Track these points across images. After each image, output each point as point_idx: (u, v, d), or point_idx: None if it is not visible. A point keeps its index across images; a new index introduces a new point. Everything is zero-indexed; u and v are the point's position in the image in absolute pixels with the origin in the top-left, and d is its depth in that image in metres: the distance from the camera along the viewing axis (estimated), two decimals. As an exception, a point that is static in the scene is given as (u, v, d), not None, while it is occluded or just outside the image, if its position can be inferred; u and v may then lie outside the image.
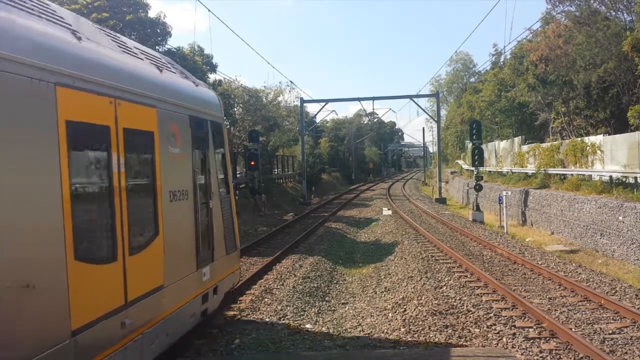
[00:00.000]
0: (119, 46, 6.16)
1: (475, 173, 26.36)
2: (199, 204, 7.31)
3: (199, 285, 7.22)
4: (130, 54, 6.35)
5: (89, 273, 4.72)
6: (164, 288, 6.08)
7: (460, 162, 47.54)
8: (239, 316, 9.72)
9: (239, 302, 10.64)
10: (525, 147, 28.32)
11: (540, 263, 14.00)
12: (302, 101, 43.24)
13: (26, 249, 3.97)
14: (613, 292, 11.01)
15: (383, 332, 8.92)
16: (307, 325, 9.21)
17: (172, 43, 31.00)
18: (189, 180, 7.09)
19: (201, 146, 7.65)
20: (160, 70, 6.88)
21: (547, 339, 8.20)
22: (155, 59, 7.24)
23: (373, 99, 40.91)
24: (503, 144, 33.60)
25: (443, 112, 60.50)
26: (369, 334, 8.86)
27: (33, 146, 4.14)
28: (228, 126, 30.38)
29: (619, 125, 24.10)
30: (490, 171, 34.19)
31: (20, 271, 3.87)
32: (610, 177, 18.36)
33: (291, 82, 51.60)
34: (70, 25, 5.21)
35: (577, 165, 21.29)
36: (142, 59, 6.60)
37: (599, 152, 19.75)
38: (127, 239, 5.37)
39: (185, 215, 6.92)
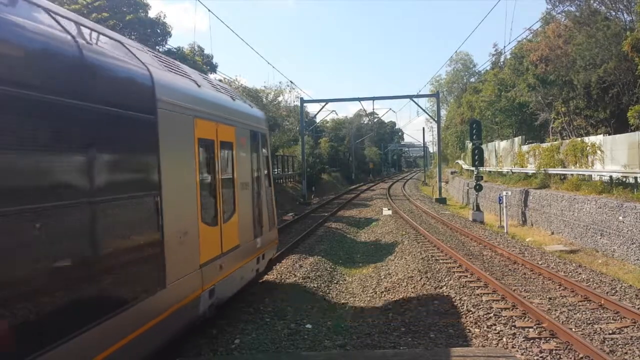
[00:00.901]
0: (212, 86, 9.40)
1: (475, 173, 26.36)
2: (255, 192, 10.16)
3: (255, 250, 10.06)
4: (220, 91, 9.48)
5: (207, 231, 7.53)
6: (239, 247, 8.97)
7: (460, 162, 47.54)
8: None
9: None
10: (525, 147, 28.31)
11: (540, 263, 14.00)
12: (302, 101, 43.24)
13: (185, 214, 6.87)
14: (613, 292, 11.01)
15: (383, 332, 8.92)
16: (308, 326, 9.21)
17: (173, 43, 30.97)
18: (249, 176, 9.94)
19: (256, 151, 10.47)
20: (234, 100, 9.91)
21: (547, 339, 8.20)
22: (230, 91, 10.58)
23: (373, 99, 40.89)
24: (503, 144, 33.60)
25: (443, 112, 60.58)
26: (369, 333, 8.86)
27: (188, 153, 7.08)
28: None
29: (619, 125, 24.10)
30: (490, 171, 34.19)
31: (183, 225, 6.74)
32: (611, 177, 18.37)
33: (291, 82, 51.54)
34: (191, 76, 8.10)
35: (577, 165, 21.30)
36: (224, 94, 9.63)
37: (599, 152, 19.75)
38: (222, 213, 8.23)
39: (248, 200, 9.74)
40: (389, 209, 30.29)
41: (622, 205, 14.82)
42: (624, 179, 17.53)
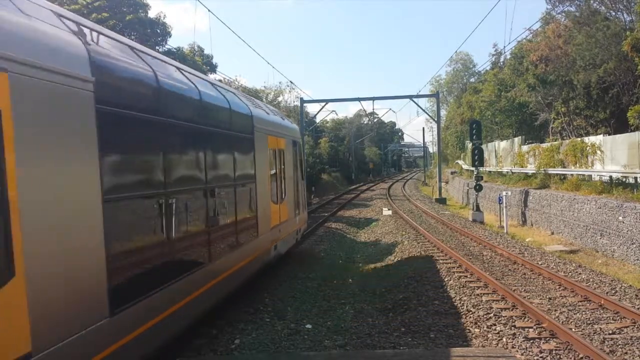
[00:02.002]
0: (271, 111, 13.78)
1: (475, 173, 26.36)
2: (295, 184, 14.42)
3: (295, 224, 14.45)
4: (276, 114, 14.04)
5: (274, 207, 11.57)
6: (287, 221, 13.06)
7: (460, 162, 47.54)
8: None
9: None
10: (525, 147, 28.31)
11: (540, 263, 14.00)
12: (302, 101, 43.23)
13: (264, 196, 10.67)
14: (613, 292, 11.01)
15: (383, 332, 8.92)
16: (308, 326, 9.21)
17: (172, 43, 30.97)
18: (293, 172, 14.22)
19: (296, 154, 14.86)
20: (283, 119, 14.56)
21: (547, 339, 8.20)
22: (279, 114, 15.26)
23: (373, 99, 40.84)
24: (503, 144, 33.60)
25: (443, 112, 60.55)
26: (369, 333, 8.86)
27: (265, 157, 11.01)
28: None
29: (618, 125, 24.11)
30: (490, 171, 34.19)
31: (264, 202, 10.58)
32: (610, 177, 18.37)
33: (291, 82, 51.62)
34: (263, 107, 12.53)
35: (577, 165, 21.30)
36: (278, 116, 14.15)
37: (598, 152, 19.75)
38: (280, 196, 12.34)
39: (292, 188, 14.00)
40: (388, 209, 30.29)
41: (622, 206, 14.82)
42: (624, 179, 17.53)
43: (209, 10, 21.32)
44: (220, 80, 23.45)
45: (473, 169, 27.86)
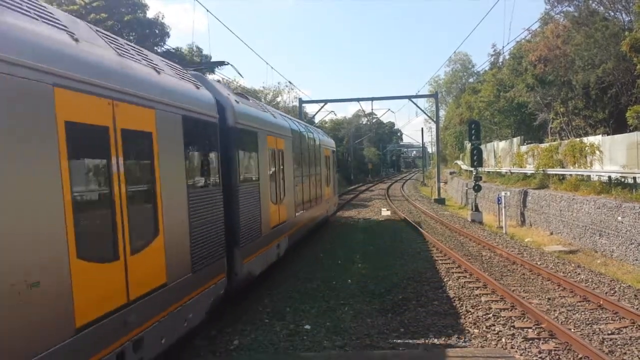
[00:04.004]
0: (323, 132, 25.71)
1: (474, 173, 26.36)
2: (334, 176, 24.68)
3: (334, 200, 25.69)
4: (325, 135, 24.54)
5: (327, 188, 22.34)
6: (332, 197, 24.47)
7: (459, 162, 47.56)
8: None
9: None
10: (524, 148, 28.32)
11: (539, 263, 14.00)
12: (301, 101, 43.23)
13: (325, 181, 21.87)
14: (612, 292, 11.01)
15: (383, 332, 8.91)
16: (307, 326, 9.19)
17: (171, 43, 30.91)
18: (333, 169, 24.78)
19: (333, 158, 24.77)
20: (328, 137, 25.26)
21: (547, 339, 8.20)
22: (325, 133, 25.80)
23: (372, 99, 40.84)
24: (502, 145, 33.61)
25: (442, 113, 60.63)
26: (368, 334, 8.85)
27: (330, 163, 23.48)
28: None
29: (617, 125, 24.14)
30: (489, 171, 34.18)
31: (324, 184, 21.35)
32: (609, 177, 18.37)
33: (290, 82, 51.68)
34: (320, 133, 23.07)
35: (576, 165, 21.30)
36: (325, 137, 23.75)
37: (597, 152, 19.76)
38: (332, 182, 24.14)
39: (332, 178, 24.18)
40: (387, 210, 30.28)
41: (621, 206, 14.82)
42: (623, 179, 17.53)
43: (207, 10, 21.30)
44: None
45: (472, 169, 27.86)
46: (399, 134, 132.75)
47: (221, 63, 14.68)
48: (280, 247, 12.46)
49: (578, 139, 22.28)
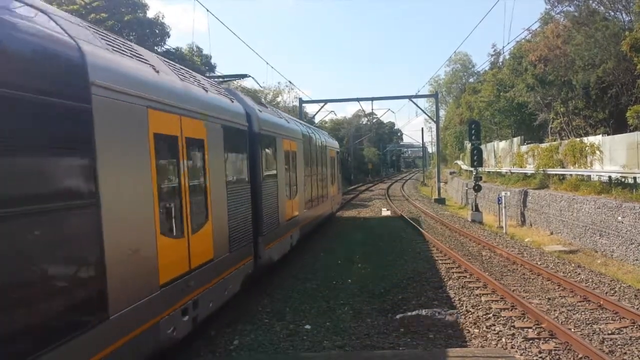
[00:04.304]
0: (328, 135, 26.83)
1: (474, 173, 26.36)
2: (334, 175, 24.00)
3: (339, 198, 27.73)
4: (329, 137, 25.74)
5: (333, 186, 23.57)
6: (337, 195, 25.50)
7: (459, 162, 47.55)
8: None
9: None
10: (524, 148, 28.31)
11: (539, 263, 14.00)
12: (301, 101, 43.26)
13: (330, 180, 22.94)
14: (612, 292, 11.01)
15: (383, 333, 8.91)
16: (307, 326, 9.19)
17: (172, 43, 30.93)
18: (337, 169, 25.87)
19: (337, 159, 25.95)
20: (334, 140, 26.26)
21: (547, 339, 8.20)
22: (329, 135, 28.11)
23: (372, 99, 40.87)
24: (502, 145, 33.60)
25: (442, 113, 60.62)
26: (368, 334, 8.85)
27: (333, 163, 24.16)
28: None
29: (617, 125, 24.12)
30: (489, 171, 34.18)
31: (330, 182, 22.45)
32: (609, 177, 18.36)
33: (290, 82, 51.68)
34: (326, 135, 25.40)
35: (576, 165, 21.29)
36: (333, 140, 26.14)
37: (598, 152, 19.75)
38: (336, 181, 25.17)
39: (337, 178, 25.17)
40: (387, 210, 30.28)
41: (621, 206, 14.82)
42: (623, 179, 17.52)
43: (207, 10, 21.28)
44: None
45: (472, 169, 27.86)
46: (399, 134, 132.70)
47: (244, 76, 15.66)
48: (293, 238, 14.00)
49: (578, 139, 22.27)
